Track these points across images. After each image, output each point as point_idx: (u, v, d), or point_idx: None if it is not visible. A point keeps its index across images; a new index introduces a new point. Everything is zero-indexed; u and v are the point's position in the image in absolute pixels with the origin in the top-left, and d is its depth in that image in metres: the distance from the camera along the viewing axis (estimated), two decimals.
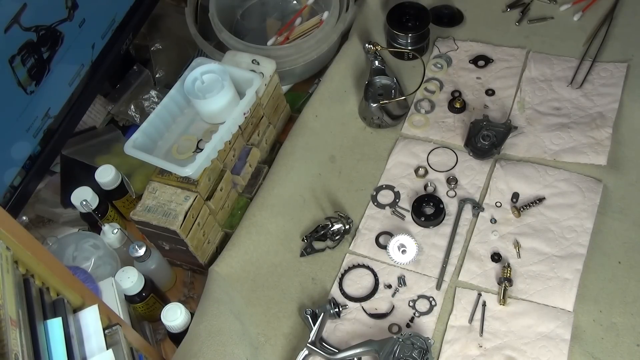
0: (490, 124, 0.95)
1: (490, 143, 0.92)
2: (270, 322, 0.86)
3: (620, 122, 0.97)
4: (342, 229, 0.92)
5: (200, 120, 0.92)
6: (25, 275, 0.57)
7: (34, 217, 1.04)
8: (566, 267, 0.84)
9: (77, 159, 1.05)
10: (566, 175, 0.93)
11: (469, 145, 0.95)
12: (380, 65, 1.06)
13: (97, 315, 0.63)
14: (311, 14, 1.16)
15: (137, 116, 1.10)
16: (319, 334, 0.83)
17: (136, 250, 0.85)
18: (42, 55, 0.85)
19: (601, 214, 0.88)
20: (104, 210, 0.95)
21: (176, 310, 0.80)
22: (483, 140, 0.91)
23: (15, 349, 0.49)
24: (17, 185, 0.86)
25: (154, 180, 0.87)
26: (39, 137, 0.88)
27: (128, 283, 0.81)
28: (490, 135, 0.92)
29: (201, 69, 0.89)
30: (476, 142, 0.93)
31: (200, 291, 0.88)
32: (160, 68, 1.15)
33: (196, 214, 0.86)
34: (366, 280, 0.89)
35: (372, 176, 0.99)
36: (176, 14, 1.19)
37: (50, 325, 0.57)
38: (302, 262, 0.92)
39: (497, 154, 0.95)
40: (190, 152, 0.88)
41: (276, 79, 0.99)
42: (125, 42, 1.04)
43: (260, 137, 0.99)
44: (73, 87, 0.93)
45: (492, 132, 0.93)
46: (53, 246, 0.90)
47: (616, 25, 1.08)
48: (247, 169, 0.96)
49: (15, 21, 0.79)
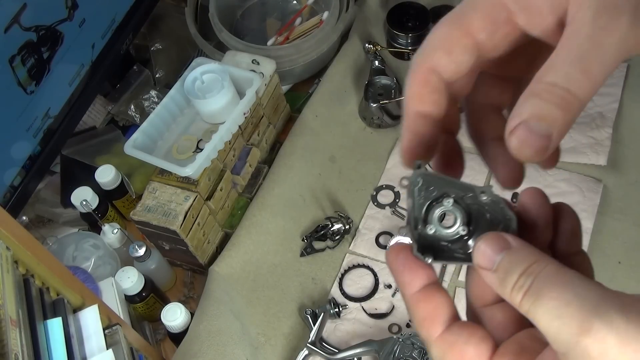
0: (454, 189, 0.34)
1: (454, 232, 0.33)
2: (270, 322, 0.86)
3: (620, 122, 0.97)
4: (342, 229, 0.92)
5: (200, 120, 0.92)
6: (25, 275, 0.57)
7: (34, 217, 1.04)
8: None
9: (77, 159, 1.05)
10: (566, 175, 0.93)
11: (411, 232, 0.34)
12: (380, 65, 1.06)
13: (97, 315, 0.63)
14: (311, 14, 1.16)
15: (137, 116, 1.10)
16: (319, 334, 0.83)
17: (136, 250, 0.84)
18: (42, 55, 0.85)
19: (601, 214, 0.88)
20: (104, 210, 0.95)
21: (176, 310, 0.80)
22: (442, 225, 0.33)
23: (15, 349, 0.49)
24: (17, 185, 0.86)
25: (154, 180, 0.87)
26: (39, 137, 0.88)
27: (128, 283, 0.81)
28: (457, 212, 0.33)
29: (201, 69, 0.89)
30: (426, 228, 0.33)
31: (200, 291, 0.88)
32: (160, 68, 1.15)
33: (196, 214, 0.86)
34: (366, 280, 0.89)
35: (372, 176, 0.99)
36: (176, 14, 1.19)
37: (50, 325, 0.57)
38: (302, 262, 0.92)
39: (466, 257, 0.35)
40: (190, 152, 0.88)
41: (276, 79, 0.99)
42: (125, 42, 1.04)
43: (260, 137, 0.99)
44: (73, 87, 0.93)
45: (459, 207, 0.33)
46: (53, 246, 0.90)
47: None
48: (247, 169, 0.96)
49: (15, 21, 0.79)
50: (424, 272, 0.31)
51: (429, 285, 0.31)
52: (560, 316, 0.25)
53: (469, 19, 0.32)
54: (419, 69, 0.33)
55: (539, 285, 0.27)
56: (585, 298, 0.25)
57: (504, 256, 0.29)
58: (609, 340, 0.24)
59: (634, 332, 0.24)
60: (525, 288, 0.27)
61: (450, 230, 0.32)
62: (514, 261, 0.28)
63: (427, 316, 0.31)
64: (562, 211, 0.33)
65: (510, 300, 0.28)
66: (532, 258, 0.28)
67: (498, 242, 0.29)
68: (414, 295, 0.31)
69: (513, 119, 0.28)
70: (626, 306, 0.24)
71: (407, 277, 0.31)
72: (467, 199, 0.32)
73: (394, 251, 0.32)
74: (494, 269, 0.29)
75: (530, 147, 0.28)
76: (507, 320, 0.32)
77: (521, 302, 0.27)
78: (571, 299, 0.25)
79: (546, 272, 0.27)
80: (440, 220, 0.32)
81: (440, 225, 0.32)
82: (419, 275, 0.31)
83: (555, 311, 0.25)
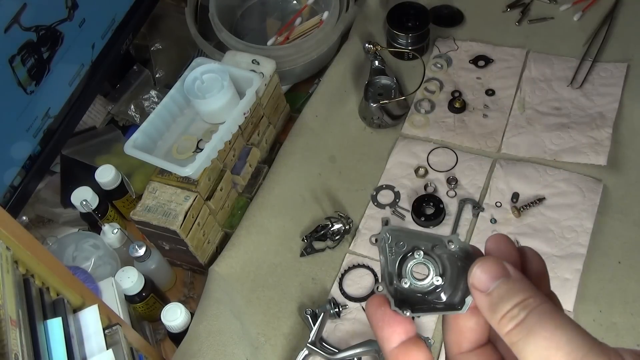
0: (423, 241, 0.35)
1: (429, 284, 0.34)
2: (270, 322, 0.86)
3: (620, 122, 0.97)
4: (342, 229, 0.92)
5: (200, 120, 0.92)
6: (25, 275, 0.57)
7: (34, 217, 1.04)
8: (566, 267, 0.84)
9: (77, 159, 1.05)
10: (566, 175, 0.93)
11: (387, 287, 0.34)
12: (380, 65, 1.06)
13: (97, 315, 0.63)
14: (311, 14, 1.16)
15: (137, 116, 1.10)
16: (319, 334, 0.83)
17: (136, 250, 0.84)
18: (42, 55, 0.85)
19: (601, 214, 0.88)
20: (104, 210, 0.95)
21: (176, 310, 0.80)
22: (417, 278, 0.34)
23: (15, 349, 0.49)
24: (17, 185, 0.86)
25: (154, 180, 0.87)
26: (39, 137, 0.88)
27: (128, 283, 0.81)
28: (429, 263, 0.34)
29: (201, 68, 0.89)
30: (401, 282, 0.34)
31: (200, 291, 0.88)
32: (160, 68, 1.15)
33: (196, 214, 0.86)
34: (366, 280, 0.89)
35: (372, 176, 0.99)
36: (176, 14, 1.19)
37: (50, 325, 0.57)
38: (302, 262, 0.92)
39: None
40: (190, 152, 0.88)
41: (276, 79, 0.99)
42: (125, 42, 1.04)
43: (260, 137, 0.99)
44: (73, 87, 0.93)
45: (431, 258, 0.34)
46: (53, 246, 0.90)
47: (616, 25, 1.08)
48: (247, 168, 0.96)
49: (15, 21, 0.79)
50: (402, 327, 0.32)
51: (408, 341, 0.32)
52: (548, 358, 0.26)
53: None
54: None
55: (533, 321, 0.27)
56: (576, 346, 0.26)
57: (500, 282, 0.29)
58: None
59: None
60: (518, 320, 0.28)
61: (424, 282, 0.33)
62: (511, 290, 0.29)
63: None
64: (526, 254, 0.33)
65: (495, 326, 0.29)
66: (529, 292, 0.29)
67: (497, 270, 0.30)
68: (392, 351, 0.32)
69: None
70: (610, 359, 0.25)
71: (386, 333, 0.32)
72: (437, 249, 0.33)
73: (373, 305, 0.33)
74: (488, 292, 0.30)
75: None
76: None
77: (510, 332, 0.28)
78: (562, 344, 0.26)
79: (541, 309, 0.28)
80: (413, 273, 0.33)
81: (415, 278, 0.33)
82: (397, 331, 0.32)
83: (545, 352, 0.26)
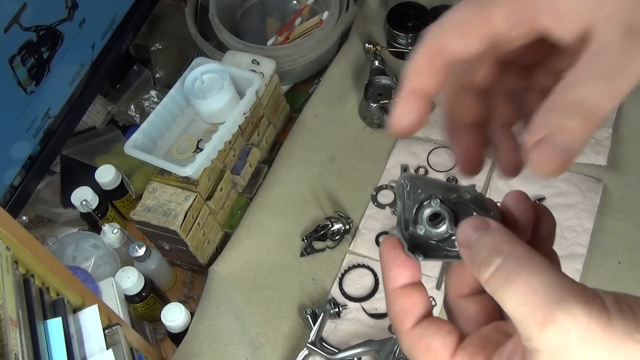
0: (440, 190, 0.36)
1: (443, 231, 0.35)
2: (270, 322, 0.86)
3: (620, 122, 0.97)
4: (342, 229, 0.92)
5: (200, 120, 0.92)
6: (25, 275, 0.57)
7: (34, 217, 1.04)
8: (566, 267, 0.84)
9: (77, 159, 1.05)
10: (566, 175, 0.93)
11: (402, 232, 0.36)
12: (380, 65, 1.06)
13: (97, 315, 0.63)
14: (311, 14, 1.16)
15: (137, 116, 1.10)
16: (319, 334, 0.83)
17: (136, 250, 0.84)
18: (42, 55, 0.85)
19: (601, 214, 0.88)
20: (104, 210, 0.95)
21: (176, 310, 0.80)
22: (431, 224, 0.34)
23: (15, 349, 0.49)
24: (17, 185, 0.86)
25: (154, 180, 0.87)
26: (39, 137, 0.88)
27: (128, 283, 0.81)
28: (445, 212, 0.35)
29: (201, 69, 0.89)
30: (416, 228, 0.35)
31: (200, 291, 0.88)
32: (160, 68, 1.15)
33: (196, 214, 0.86)
34: (366, 280, 0.89)
35: (372, 176, 0.99)
36: (176, 14, 1.19)
37: (50, 325, 0.57)
38: (302, 262, 0.92)
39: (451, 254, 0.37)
40: (190, 152, 0.88)
41: (276, 79, 0.99)
42: (125, 42, 1.04)
43: (260, 137, 0.99)
44: (73, 87, 0.93)
45: (446, 207, 0.35)
46: (53, 246, 0.90)
47: None
48: (247, 169, 0.96)
49: (15, 21, 0.79)
50: (410, 271, 0.33)
51: (411, 284, 0.33)
52: (526, 303, 0.26)
53: (492, 8, 0.31)
54: (429, 46, 0.33)
55: (509, 268, 0.28)
56: (552, 288, 0.26)
57: (480, 234, 0.30)
58: (571, 332, 0.25)
59: (594, 327, 0.25)
60: (494, 267, 0.28)
61: (439, 229, 0.34)
62: (488, 239, 0.29)
63: (401, 310, 0.33)
64: (542, 214, 0.34)
65: (477, 275, 0.29)
66: (505, 238, 0.29)
67: (478, 223, 0.31)
68: (394, 290, 0.34)
69: (534, 133, 0.28)
70: (589, 301, 0.25)
71: (394, 273, 0.33)
72: (453, 199, 0.34)
73: (387, 245, 0.34)
74: (469, 245, 0.30)
75: (551, 163, 0.28)
76: (478, 313, 0.34)
77: (489, 280, 0.28)
78: (538, 288, 0.26)
79: (516, 253, 0.28)
80: (429, 220, 0.34)
81: (430, 225, 0.34)
82: (405, 274, 0.33)
83: (522, 298, 0.26)
